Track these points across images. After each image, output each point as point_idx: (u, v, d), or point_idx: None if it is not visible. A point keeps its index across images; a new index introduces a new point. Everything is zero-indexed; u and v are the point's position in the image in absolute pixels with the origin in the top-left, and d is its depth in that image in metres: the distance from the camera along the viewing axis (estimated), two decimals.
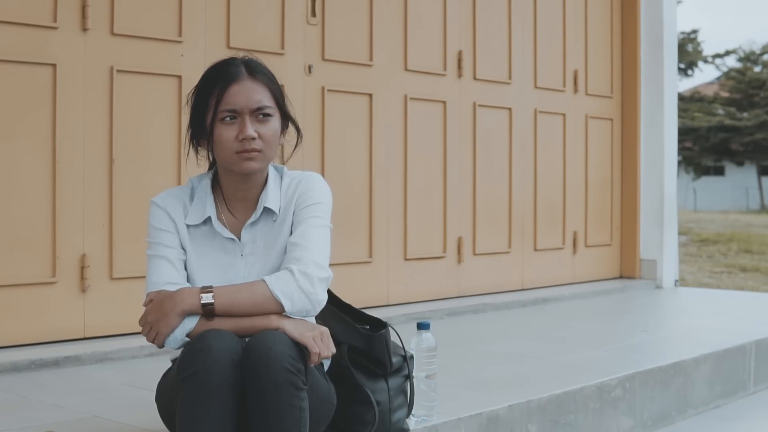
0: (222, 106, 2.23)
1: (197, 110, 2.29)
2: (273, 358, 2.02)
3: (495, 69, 5.78)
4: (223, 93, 2.23)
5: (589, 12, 6.48)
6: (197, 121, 2.29)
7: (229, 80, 2.24)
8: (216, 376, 2.01)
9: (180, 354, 2.11)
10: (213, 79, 2.26)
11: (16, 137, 3.70)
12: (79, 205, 3.87)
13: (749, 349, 4.45)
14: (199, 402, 2.01)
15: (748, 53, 37.22)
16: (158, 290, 2.22)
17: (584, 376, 3.54)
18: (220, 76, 2.25)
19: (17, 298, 3.70)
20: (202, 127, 2.27)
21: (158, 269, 2.26)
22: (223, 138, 2.23)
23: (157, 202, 2.32)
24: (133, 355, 3.76)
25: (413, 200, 5.26)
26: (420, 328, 2.74)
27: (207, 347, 2.02)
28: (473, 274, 5.61)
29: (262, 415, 2.03)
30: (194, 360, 2.02)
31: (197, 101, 2.29)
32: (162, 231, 2.29)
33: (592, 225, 6.52)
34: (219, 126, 2.24)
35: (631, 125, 6.71)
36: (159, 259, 2.27)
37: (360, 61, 4.97)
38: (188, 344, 2.11)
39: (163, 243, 2.28)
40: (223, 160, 2.27)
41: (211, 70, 2.31)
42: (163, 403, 2.31)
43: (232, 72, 2.26)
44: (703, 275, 9.75)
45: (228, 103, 2.23)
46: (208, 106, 2.25)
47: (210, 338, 2.05)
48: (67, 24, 3.83)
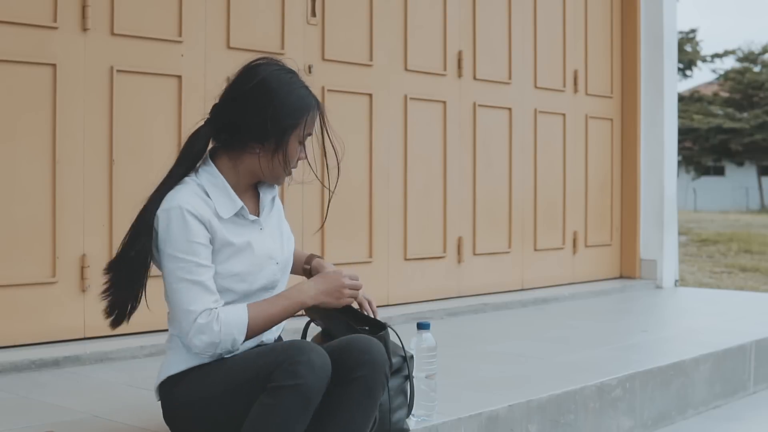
0: (308, 130, 2.36)
1: (273, 120, 2.30)
2: (382, 362, 2.22)
3: (495, 69, 5.77)
4: (312, 120, 2.36)
5: (589, 12, 6.48)
6: (263, 128, 2.30)
7: (317, 106, 2.37)
8: (317, 391, 2.13)
9: (273, 363, 2.14)
10: (304, 102, 2.34)
11: (16, 137, 3.70)
12: (79, 205, 3.87)
13: (749, 349, 4.45)
14: (297, 412, 2.12)
15: (747, 53, 37.21)
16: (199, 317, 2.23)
17: (584, 376, 3.54)
18: (309, 100, 2.35)
19: (17, 298, 3.70)
20: (270, 136, 2.30)
21: (196, 295, 2.24)
22: (294, 156, 2.35)
23: (187, 208, 2.27)
24: (133, 355, 3.76)
25: (413, 200, 5.26)
26: (420, 328, 2.74)
27: (310, 361, 2.12)
28: (473, 274, 5.61)
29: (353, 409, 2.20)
30: (297, 372, 2.11)
31: (276, 113, 2.30)
32: (197, 245, 2.26)
33: (592, 225, 6.52)
34: (295, 143, 2.34)
35: (631, 125, 6.71)
36: (193, 284, 2.25)
37: (360, 61, 4.97)
38: (286, 355, 2.14)
39: (198, 261, 2.26)
40: (276, 171, 2.35)
41: (296, 88, 2.34)
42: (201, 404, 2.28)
43: (314, 99, 2.37)
44: (703, 275, 9.75)
45: (312, 128, 2.37)
46: (294, 125, 2.32)
47: (310, 352, 2.14)
48: (67, 24, 3.83)
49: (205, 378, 2.29)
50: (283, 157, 2.34)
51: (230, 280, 2.32)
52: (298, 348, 2.15)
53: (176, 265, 2.26)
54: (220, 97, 2.39)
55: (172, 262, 2.26)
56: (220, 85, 4.51)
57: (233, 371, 2.24)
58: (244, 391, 2.19)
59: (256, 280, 2.36)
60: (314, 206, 4.67)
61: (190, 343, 2.26)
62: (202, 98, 4.26)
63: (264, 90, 2.32)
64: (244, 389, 2.19)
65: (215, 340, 2.24)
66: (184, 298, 2.25)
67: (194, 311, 2.23)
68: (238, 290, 2.33)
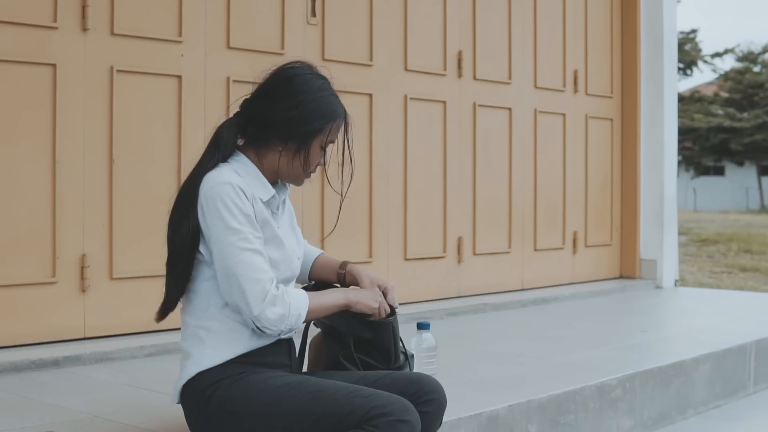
0: (332, 137, 2.39)
1: (299, 123, 2.33)
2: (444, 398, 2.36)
3: (495, 69, 5.78)
4: (337, 128, 2.40)
5: (589, 12, 6.49)
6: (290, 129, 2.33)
7: (343, 116, 2.41)
8: None
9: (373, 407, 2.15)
10: (332, 110, 2.39)
11: (16, 137, 3.70)
12: (79, 205, 3.87)
13: (749, 349, 4.45)
14: None
15: (747, 53, 37.20)
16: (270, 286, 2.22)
17: (584, 376, 3.54)
18: (337, 109, 2.40)
19: (17, 298, 3.70)
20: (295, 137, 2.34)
21: (261, 264, 2.24)
22: (314, 160, 2.38)
23: (236, 183, 2.28)
24: (133, 355, 3.76)
25: (413, 200, 5.26)
26: (420, 328, 2.74)
27: (413, 424, 2.17)
28: (473, 274, 5.61)
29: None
30: (399, 429, 2.14)
31: (304, 117, 2.33)
32: (251, 217, 2.27)
33: (592, 225, 6.52)
34: (317, 149, 2.38)
35: (631, 125, 6.71)
36: (255, 253, 2.24)
37: (360, 61, 4.98)
38: (393, 407, 2.16)
39: (255, 233, 2.27)
40: (296, 172, 2.38)
41: (326, 95, 2.39)
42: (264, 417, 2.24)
43: (342, 107, 2.42)
44: (703, 275, 9.75)
45: (336, 136, 2.40)
46: (319, 130, 2.35)
47: (414, 414, 2.18)
48: (67, 24, 3.83)
49: (278, 392, 2.24)
50: (304, 160, 2.36)
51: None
52: (404, 408, 2.17)
53: (237, 237, 2.23)
54: (251, 93, 2.42)
55: (231, 234, 2.23)
56: (220, 85, 4.53)
57: (320, 400, 2.20)
58: (327, 423, 2.17)
59: (286, 270, 2.37)
60: (314, 207, 4.67)
61: (261, 315, 2.21)
62: (202, 98, 4.26)
63: (295, 91, 2.35)
64: (327, 420, 2.17)
65: (286, 312, 2.22)
66: (250, 267, 2.22)
67: (262, 280, 2.21)
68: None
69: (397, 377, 2.36)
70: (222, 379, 2.28)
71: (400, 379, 2.35)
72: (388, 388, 2.29)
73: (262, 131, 2.36)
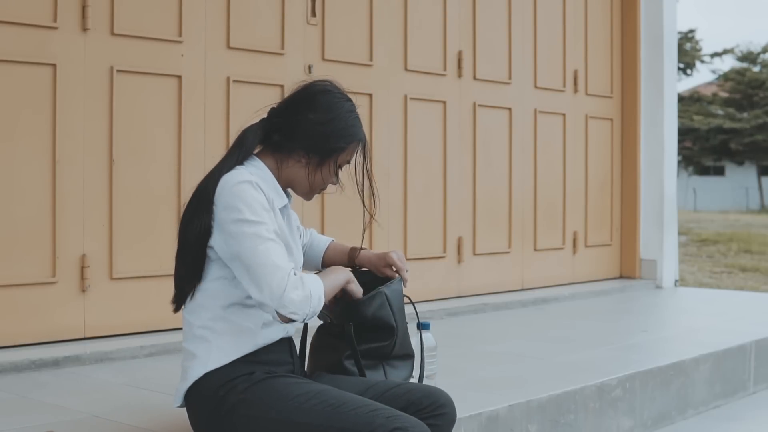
0: (350, 157, 2.47)
1: (325, 139, 2.40)
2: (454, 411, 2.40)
3: (495, 69, 5.78)
4: (356, 152, 2.47)
5: (589, 12, 6.49)
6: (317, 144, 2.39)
7: (363, 138, 2.49)
8: None
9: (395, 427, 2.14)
10: (356, 134, 2.46)
11: (16, 137, 3.71)
12: (79, 205, 3.87)
13: (749, 349, 4.45)
14: None
15: (746, 53, 37.19)
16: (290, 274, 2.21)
17: (584, 376, 3.54)
18: (360, 129, 2.49)
19: (17, 298, 3.70)
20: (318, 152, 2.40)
21: (281, 253, 2.24)
22: (328, 177, 2.45)
23: (255, 181, 2.31)
24: (133, 355, 3.76)
25: (413, 200, 5.26)
26: (420, 328, 2.74)
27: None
28: (473, 274, 5.61)
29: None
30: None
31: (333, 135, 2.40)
32: (268, 212, 2.29)
33: (592, 225, 6.52)
34: (335, 166, 2.45)
35: (631, 125, 6.71)
36: (276, 243, 2.25)
37: (360, 61, 4.98)
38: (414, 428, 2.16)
39: (273, 227, 2.28)
40: (306, 181, 2.43)
41: (354, 119, 2.48)
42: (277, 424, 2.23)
43: (363, 130, 2.50)
44: (703, 275, 9.76)
45: (351, 157, 2.47)
46: (342, 150, 2.43)
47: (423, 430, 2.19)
48: (67, 24, 3.83)
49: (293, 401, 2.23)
50: (322, 174, 2.43)
51: None
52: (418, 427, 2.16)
53: (257, 228, 2.23)
54: (280, 103, 2.46)
55: (252, 226, 2.23)
56: (220, 85, 4.53)
57: (342, 414, 2.18)
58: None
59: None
60: (314, 208, 4.67)
61: (287, 300, 2.18)
62: (202, 98, 4.26)
63: (328, 108, 2.42)
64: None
65: (308, 294, 2.21)
66: (269, 257, 2.21)
67: (284, 267, 2.20)
68: None
69: (411, 388, 2.36)
70: (233, 379, 2.27)
71: (413, 390, 2.35)
72: (401, 398, 2.30)
73: (288, 141, 2.40)
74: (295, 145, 2.39)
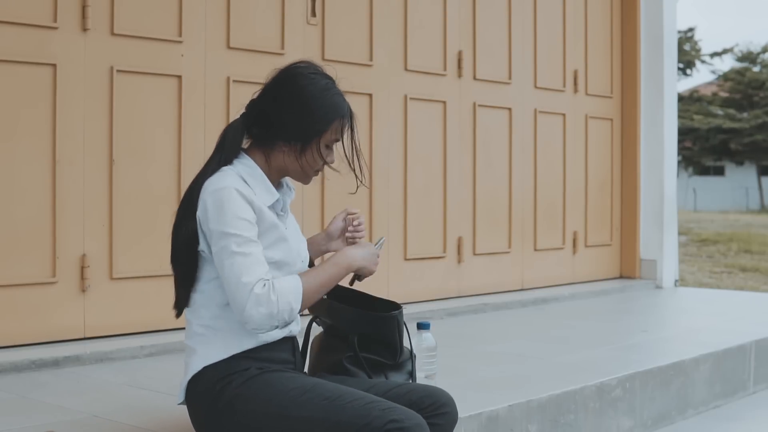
0: (337, 135, 2.39)
1: (304, 122, 2.35)
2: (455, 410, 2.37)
3: (495, 69, 5.78)
4: (342, 127, 2.39)
5: (589, 12, 6.49)
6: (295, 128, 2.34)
7: (348, 114, 2.40)
8: None
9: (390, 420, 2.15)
10: (337, 108, 2.38)
11: (17, 137, 3.71)
12: (79, 205, 3.87)
13: (749, 349, 4.45)
14: None
15: (746, 53, 37.19)
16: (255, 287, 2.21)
17: (584, 376, 3.54)
18: (342, 108, 2.40)
19: (17, 298, 3.70)
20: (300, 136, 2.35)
21: (249, 267, 2.22)
22: (319, 157, 2.38)
23: (236, 187, 2.28)
24: (133, 355, 3.76)
25: (413, 200, 5.26)
26: (420, 328, 2.75)
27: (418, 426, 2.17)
28: (473, 274, 5.61)
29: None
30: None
31: (309, 116, 2.35)
32: (247, 222, 2.26)
33: (592, 225, 6.52)
34: (323, 146, 2.38)
35: (631, 125, 6.71)
36: (245, 257, 2.23)
37: (360, 61, 4.98)
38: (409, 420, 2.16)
39: (247, 237, 2.25)
40: (297, 167, 2.39)
41: (331, 94, 2.39)
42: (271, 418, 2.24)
43: (347, 106, 2.42)
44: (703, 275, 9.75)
45: (341, 134, 2.40)
46: (323, 130, 2.36)
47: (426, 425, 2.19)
48: (67, 24, 3.83)
49: (287, 395, 2.23)
50: (310, 158, 2.38)
51: (269, 266, 2.30)
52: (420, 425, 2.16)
53: (228, 241, 2.23)
54: (258, 94, 2.43)
55: (223, 238, 2.24)
56: (220, 85, 4.54)
57: (337, 408, 2.19)
58: (343, 428, 2.16)
59: (290, 272, 2.36)
60: (314, 207, 4.67)
61: (247, 317, 2.19)
62: (202, 98, 4.26)
63: (298, 91, 2.37)
64: (344, 428, 2.16)
65: (273, 310, 2.20)
66: (237, 271, 2.21)
67: (249, 282, 2.20)
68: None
69: (413, 388, 2.36)
70: (230, 374, 2.27)
71: (415, 390, 2.35)
72: (402, 398, 2.29)
73: (267, 131, 2.37)
74: (275, 135, 2.36)
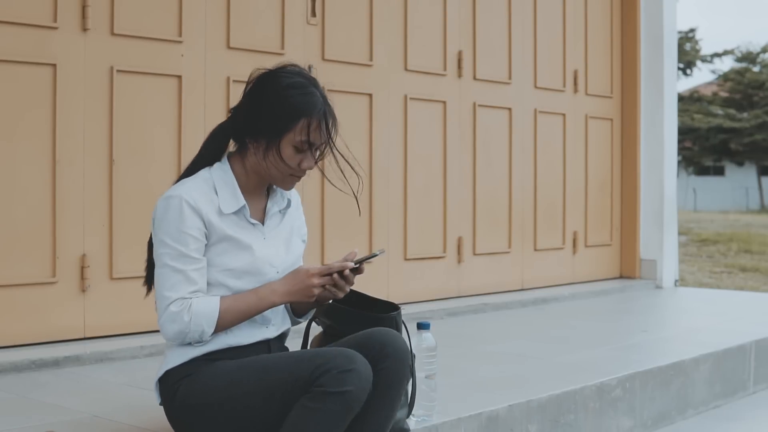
0: (304, 137, 2.32)
1: (269, 119, 2.32)
2: (405, 353, 2.28)
3: (495, 69, 5.77)
4: (310, 128, 2.33)
5: (589, 12, 6.48)
6: (261, 126, 2.33)
7: (319, 115, 2.34)
8: (360, 400, 2.17)
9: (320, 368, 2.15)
10: (304, 107, 2.32)
11: (17, 137, 3.71)
12: (79, 205, 3.87)
13: (749, 349, 4.45)
14: (339, 418, 2.15)
15: (746, 53, 37.18)
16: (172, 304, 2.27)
17: (584, 376, 3.54)
18: (311, 107, 2.33)
19: (17, 298, 3.70)
20: (266, 135, 2.32)
21: (175, 283, 2.28)
22: (289, 160, 2.34)
23: (186, 198, 2.30)
24: (133, 355, 3.76)
25: (413, 200, 5.26)
26: (420, 328, 2.74)
27: (358, 371, 2.15)
28: (473, 274, 5.61)
29: (379, 400, 2.24)
30: (345, 380, 2.14)
31: (274, 113, 2.32)
32: (188, 235, 2.29)
33: (592, 225, 6.52)
34: (290, 149, 2.33)
35: (631, 125, 6.71)
36: (175, 272, 2.28)
37: (360, 61, 4.97)
38: (335, 362, 2.15)
39: (184, 251, 2.28)
40: (273, 173, 2.36)
41: (301, 90, 2.34)
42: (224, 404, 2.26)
43: (320, 107, 2.35)
44: (703, 275, 9.75)
45: (310, 136, 2.33)
46: (287, 129, 2.31)
47: (358, 362, 2.16)
48: (67, 24, 3.83)
49: (231, 376, 2.27)
50: (274, 159, 2.34)
51: (225, 274, 2.34)
52: (347, 357, 2.17)
53: (164, 251, 2.30)
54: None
55: (161, 247, 2.31)
56: (220, 85, 4.54)
57: (271, 373, 2.23)
58: (280, 394, 2.19)
59: (253, 281, 2.36)
60: (314, 207, 4.67)
61: (161, 328, 2.31)
62: (202, 98, 4.26)
63: (261, 90, 2.36)
64: (280, 392, 2.19)
65: (184, 329, 2.28)
66: (163, 283, 2.29)
67: (169, 297, 2.28)
68: (232, 287, 2.35)
69: (354, 341, 2.31)
70: (187, 375, 2.32)
71: (355, 342, 2.30)
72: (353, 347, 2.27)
73: (238, 135, 2.39)
74: (242, 133, 2.37)
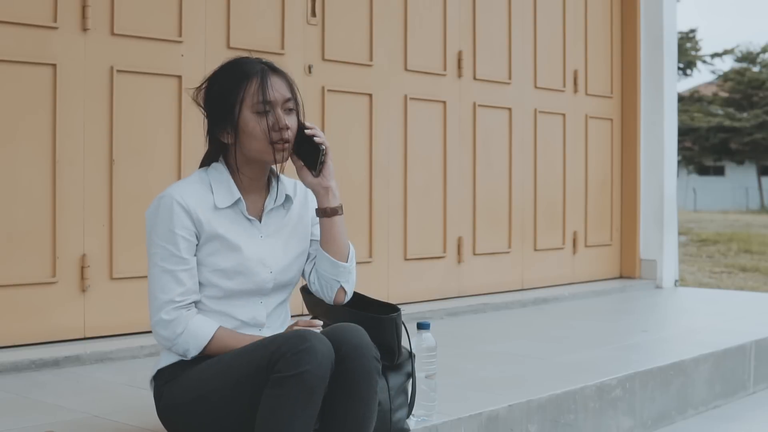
0: (257, 98, 2.30)
1: (218, 104, 2.34)
2: (365, 347, 2.19)
3: (495, 69, 5.78)
4: (257, 86, 2.31)
5: (589, 12, 6.48)
6: (218, 114, 2.35)
7: (260, 74, 2.32)
8: (321, 378, 2.10)
9: (276, 354, 2.11)
10: (242, 73, 2.33)
11: (17, 137, 3.71)
12: (79, 205, 3.87)
13: (749, 349, 4.45)
14: (304, 400, 2.10)
15: (746, 53, 37.19)
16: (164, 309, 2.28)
17: (584, 376, 3.54)
18: (248, 70, 2.33)
19: (17, 298, 3.70)
20: (225, 119, 2.33)
21: (165, 284, 2.30)
22: (257, 129, 2.32)
23: (177, 199, 2.31)
24: (133, 355, 3.76)
25: (413, 200, 5.26)
26: (420, 328, 2.74)
27: (312, 348, 2.10)
28: (473, 274, 5.61)
29: (350, 402, 2.17)
30: (300, 361, 2.08)
31: (220, 95, 2.34)
32: (178, 236, 2.30)
33: (592, 225, 6.52)
34: (251, 117, 2.32)
35: (631, 125, 6.71)
36: (164, 272, 2.30)
37: (360, 61, 4.97)
38: (288, 344, 2.12)
39: (174, 252, 2.30)
40: (255, 151, 2.34)
41: (232, 65, 2.37)
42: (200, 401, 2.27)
43: (259, 67, 2.34)
44: (703, 275, 9.75)
45: (262, 95, 2.30)
46: (236, 99, 2.31)
47: (312, 339, 2.11)
48: (67, 24, 3.83)
49: (202, 374, 2.29)
50: (245, 135, 2.34)
51: (215, 274, 2.35)
52: (299, 336, 2.13)
53: (155, 251, 2.32)
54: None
55: (152, 247, 2.33)
56: None
57: (235, 366, 2.23)
58: (247, 385, 2.19)
59: (244, 282, 2.37)
60: None
61: (152, 328, 2.32)
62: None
63: (206, 89, 2.40)
64: (247, 383, 2.19)
65: (172, 340, 2.30)
66: (154, 284, 2.31)
67: (160, 299, 2.29)
68: (222, 287, 2.36)
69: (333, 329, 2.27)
70: (174, 378, 2.34)
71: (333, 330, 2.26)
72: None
73: (212, 136, 2.42)
74: (216, 136, 2.39)
